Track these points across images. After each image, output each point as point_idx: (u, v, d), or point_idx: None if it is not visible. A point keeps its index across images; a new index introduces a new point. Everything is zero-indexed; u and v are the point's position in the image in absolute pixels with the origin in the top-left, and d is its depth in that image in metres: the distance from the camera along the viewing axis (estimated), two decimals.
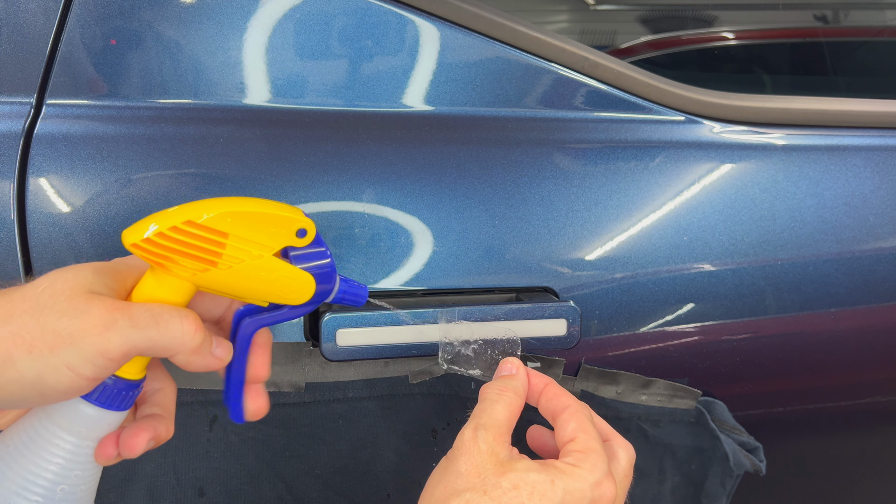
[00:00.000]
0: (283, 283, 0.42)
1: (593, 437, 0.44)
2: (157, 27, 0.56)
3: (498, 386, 0.47)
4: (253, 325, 0.44)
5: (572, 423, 0.45)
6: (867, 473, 0.79)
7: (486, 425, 0.44)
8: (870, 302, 0.68)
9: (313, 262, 0.43)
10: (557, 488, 0.41)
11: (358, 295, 0.46)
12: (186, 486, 0.58)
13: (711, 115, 0.67)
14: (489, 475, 0.41)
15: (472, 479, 0.41)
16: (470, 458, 0.42)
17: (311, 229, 0.42)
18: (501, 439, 0.44)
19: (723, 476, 0.66)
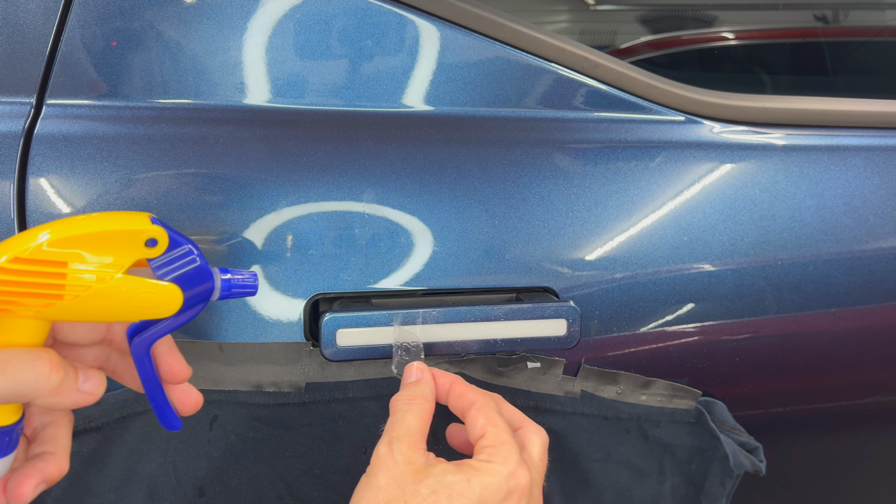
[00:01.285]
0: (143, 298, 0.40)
1: (502, 430, 0.46)
2: (158, 27, 0.56)
3: (406, 396, 0.48)
4: (143, 345, 0.42)
5: (480, 419, 0.47)
6: (867, 473, 0.79)
7: (400, 437, 0.45)
8: (870, 302, 0.68)
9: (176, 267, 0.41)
10: (474, 486, 0.42)
11: (246, 286, 0.45)
12: (186, 486, 0.58)
13: (711, 115, 0.67)
14: (408, 484, 0.42)
15: (393, 490, 0.42)
16: (387, 470, 0.43)
17: (161, 236, 0.40)
18: (416, 447, 0.45)
19: (723, 476, 0.66)
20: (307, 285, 0.56)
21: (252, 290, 0.45)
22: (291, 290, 0.56)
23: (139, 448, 0.56)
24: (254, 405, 0.57)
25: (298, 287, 0.56)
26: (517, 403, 0.62)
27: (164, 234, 0.41)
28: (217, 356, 0.55)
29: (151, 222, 0.41)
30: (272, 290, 0.56)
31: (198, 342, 0.55)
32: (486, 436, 0.46)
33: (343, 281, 0.57)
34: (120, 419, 0.55)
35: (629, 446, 0.65)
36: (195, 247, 0.42)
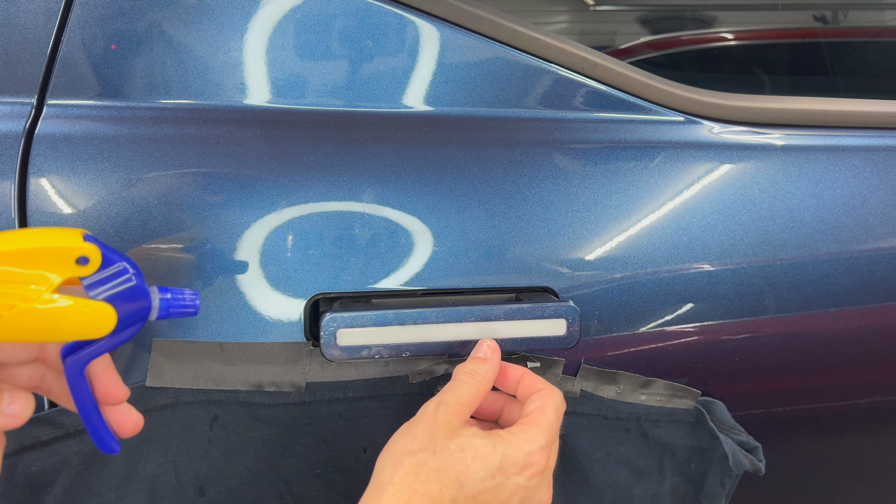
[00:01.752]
0: (74, 318, 0.39)
1: (548, 417, 0.50)
2: (158, 27, 0.57)
3: (470, 369, 0.52)
4: (77, 365, 0.41)
5: (536, 403, 0.51)
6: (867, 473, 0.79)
7: (449, 402, 0.49)
8: (869, 302, 0.68)
9: (110, 286, 0.40)
10: (497, 452, 0.47)
11: (186, 306, 0.44)
12: (187, 486, 0.58)
13: (711, 115, 0.67)
14: (440, 438, 0.47)
15: (426, 441, 0.47)
16: (427, 425, 0.48)
17: (93, 254, 0.39)
18: (459, 414, 0.49)
19: (722, 476, 0.66)
20: (307, 285, 0.56)
21: (192, 310, 0.44)
22: (292, 289, 0.56)
23: (140, 448, 0.56)
24: (254, 405, 0.57)
25: (299, 287, 0.56)
26: None
27: (96, 252, 0.39)
28: (217, 356, 0.56)
29: (84, 239, 0.39)
30: (272, 290, 0.56)
31: (198, 342, 0.55)
32: (531, 415, 0.50)
33: (343, 281, 0.57)
34: None
35: (629, 446, 0.65)
36: (132, 265, 0.41)
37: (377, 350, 0.55)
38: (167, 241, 0.54)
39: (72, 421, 0.53)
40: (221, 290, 0.55)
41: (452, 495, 0.45)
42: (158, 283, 0.54)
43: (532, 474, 0.48)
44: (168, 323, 0.55)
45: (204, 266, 0.55)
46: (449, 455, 0.46)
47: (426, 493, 0.44)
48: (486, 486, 0.46)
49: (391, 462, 0.47)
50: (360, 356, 0.55)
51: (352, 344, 0.54)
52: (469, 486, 0.45)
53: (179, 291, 0.44)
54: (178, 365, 0.55)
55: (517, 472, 0.47)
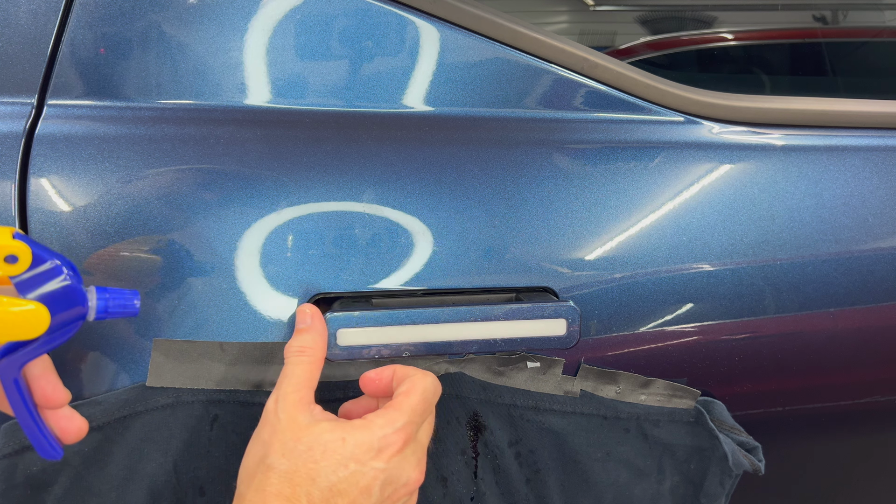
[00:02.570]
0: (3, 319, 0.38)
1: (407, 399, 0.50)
2: (158, 28, 0.57)
3: (296, 346, 0.52)
4: (11, 368, 0.40)
5: (404, 387, 0.51)
6: (867, 473, 0.79)
7: (287, 394, 0.49)
8: (869, 302, 0.68)
9: (43, 286, 0.39)
10: (348, 444, 0.47)
11: (125, 306, 0.43)
12: (187, 486, 0.58)
13: (710, 115, 0.67)
14: (288, 440, 0.47)
15: (274, 445, 0.47)
16: (271, 427, 0.48)
17: (23, 252, 0.38)
18: (301, 405, 0.49)
19: (722, 476, 0.66)
20: (307, 285, 0.56)
21: (133, 311, 0.43)
22: (292, 289, 0.56)
23: (140, 447, 0.56)
24: (255, 405, 0.57)
25: (299, 287, 0.56)
26: (517, 403, 0.62)
27: (25, 250, 0.38)
28: (218, 356, 0.56)
29: (13, 237, 0.38)
30: (272, 290, 0.56)
31: (199, 342, 0.55)
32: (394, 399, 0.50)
33: (343, 281, 0.57)
34: (121, 419, 0.55)
35: (628, 446, 0.65)
36: (66, 264, 0.40)
37: (377, 350, 0.55)
38: (167, 241, 0.55)
39: None
40: (221, 290, 0.55)
41: (307, 491, 0.45)
42: (159, 283, 0.54)
43: (390, 455, 0.48)
44: (168, 323, 0.55)
45: (204, 266, 0.55)
46: (297, 456, 0.46)
47: (280, 495, 0.45)
48: (340, 475, 0.46)
49: (246, 474, 0.48)
50: (360, 356, 0.55)
51: (352, 344, 0.54)
52: (321, 479, 0.46)
53: (118, 292, 0.43)
54: (178, 365, 0.55)
55: (373, 457, 0.47)
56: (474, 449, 0.63)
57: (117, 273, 0.54)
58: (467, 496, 0.64)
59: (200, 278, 0.55)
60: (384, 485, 0.48)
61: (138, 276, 0.54)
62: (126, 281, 0.54)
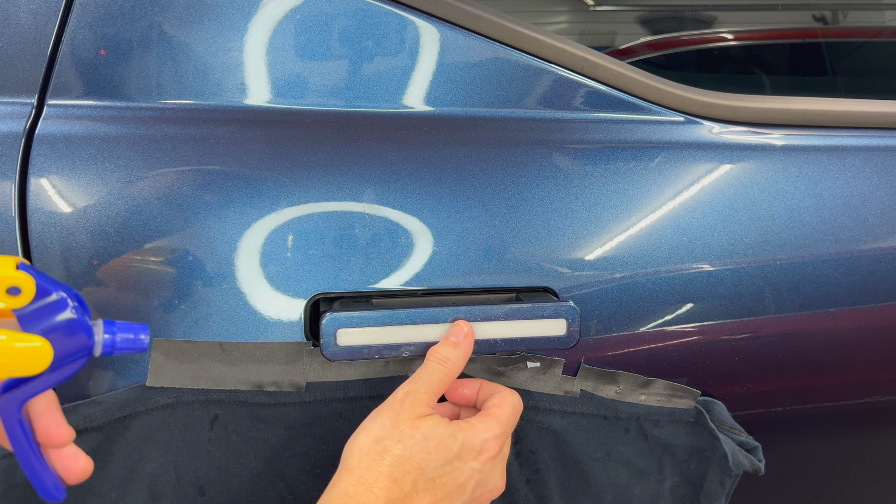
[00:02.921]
0: (4, 354, 0.36)
1: (505, 412, 0.54)
2: (158, 28, 0.57)
3: (441, 355, 0.54)
4: (12, 404, 0.38)
5: (496, 399, 0.55)
6: (866, 473, 0.79)
7: (418, 390, 0.52)
8: (868, 302, 0.68)
9: (47, 319, 0.37)
10: (458, 441, 0.51)
11: (134, 341, 0.41)
12: (187, 486, 0.58)
13: (710, 115, 0.67)
14: (406, 427, 0.50)
15: (391, 429, 0.50)
16: (393, 412, 0.51)
17: (26, 284, 0.36)
18: (426, 403, 0.52)
19: (721, 476, 0.66)
20: (307, 285, 0.56)
21: (141, 347, 0.42)
22: (292, 289, 0.56)
23: (140, 447, 0.56)
24: (254, 405, 0.57)
25: (299, 287, 0.56)
26: None
27: (29, 282, 0.36)
28: (218, 356, 0.56)
29: (17, 268, 0.37)
30: (272, 290, 0.56)
31: (199, 342, 0.55)
32: (489, 410, 0.54)
33: (343, 281, 0.57)
34: (121, 419, 0.55)
35: (628, 446, 0.65)
36: (73, 296, 0.39)
37: (377, 350, 0.55)
38: (167, 241, 0.55)
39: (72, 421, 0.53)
40: (221, 289, 0.55)
41: (413, 479, 0.49)
42: (159, 283, 0.54)
43: (486, 459, 0.52)
44: (168, 323, 0.55)
45: (204, 266, 0.55)
46: (413, 444, 0.49)
47: (390, 476, 0.48)
48: (445, 470, 0.50)
49: (358, 449, 0.50)
50: (360, 356, 0.55)
51: (352, 344, 0.54)
52: (429, 471, 0.49)
53: (127, 326, 0.41)
54: (178, 365, 0.55)
55: (473, 458, 0.51)
56: None
57: (117, 273, 0.54)
58: None
59: (200, 278, 0.55)
60: (477, 485, 0.52)
61: (138, 276, 0.54)
62: (126, 281, 0.54)
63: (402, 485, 0.48)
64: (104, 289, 0.54)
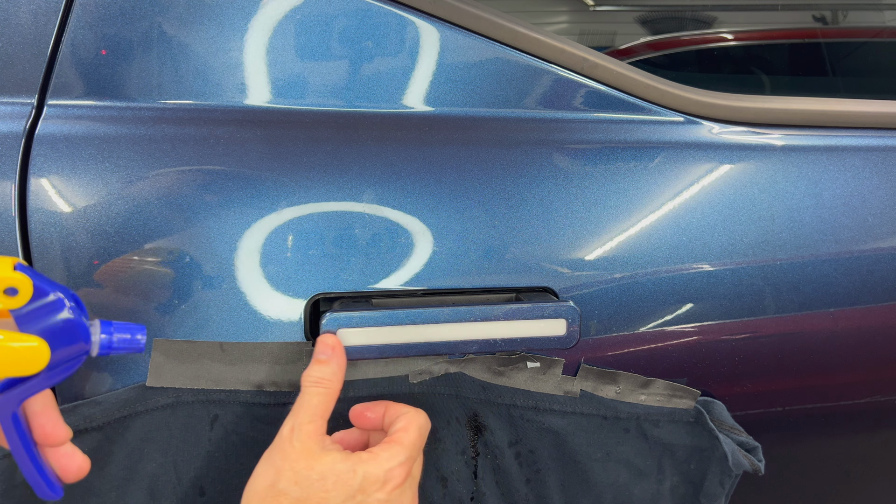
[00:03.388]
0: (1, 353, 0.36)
1: (411, 435, 0.51)
2: (158, 28, 0.57)
3: (315, 377, 0.52)
4: (9, 404, 0.39)
5: (401, 423, 0.52)
6: (866, 473, 0.79)
7: (302, 423, 0.50)
8: (868, 302, 0.68)
9: (44, 320, 0.38)
10: (358, 475, 0.48)
11: (130, 342, 0.42)
12: (187, 486, 0.58)
13: (710, 115, 0.67)
14: (301, 468, 0.48)
15: (287, 472, 0.48)
16: (284, 453, 0.49)
17: (23, 285, 0.37)
18: (315, 435, 0.50)
19: (721, 476, 0.66)
20: (307, 285, 0.56)
21: (138, 347, 0.42)
22: (292, 289, 0.56)
23: (140, 447, 0.56)
24: (255, 405, 0.57)
25: (299, 287, 0.56)
26: (517, 403, 0.62)
27: (26, 282, 0.37)
28: (218, 356, 0.56)
29: (14, 269, 0.37)
30: (272, 290, 0.56)
31: (199, 342, 0.55)
32: (394, 434, 0.52)
33: (343, 281, 0.57)
34: (121, 419, 0.55)
35: (628, 446, 0.65)
36: (70, 296, 0.39)
37: (377, 350, 0.55)
38: (167, 241, 0.55)
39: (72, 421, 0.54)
40: (221, 289, 0.55)
41: None
42: (159, 283, 0.54)
43: (392, 488, 0.49)
44: (169, 323, 0.55)
45: (204, 266, 0.55)
46: (310, 485, 0.47)
47: None
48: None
49: (255, 498, 0.48)
50: (359, 356, 0.55)
51: (352, 344, 0.54)
52: None
53: (124, 328, 0.41)
54: (178, 365, 0.55)
55: (377, 489, 0.49)
56: (474, 449, 0.63)
57: (117, 273, 0.54)
58: (467, 496, 0.64)
59: (200, 278, 0.55)
60: None
61: (138, 276, 0.54)
62: (126, 281, 0.54)
63: None
64: (104, 289, 0.54)
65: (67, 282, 0.53)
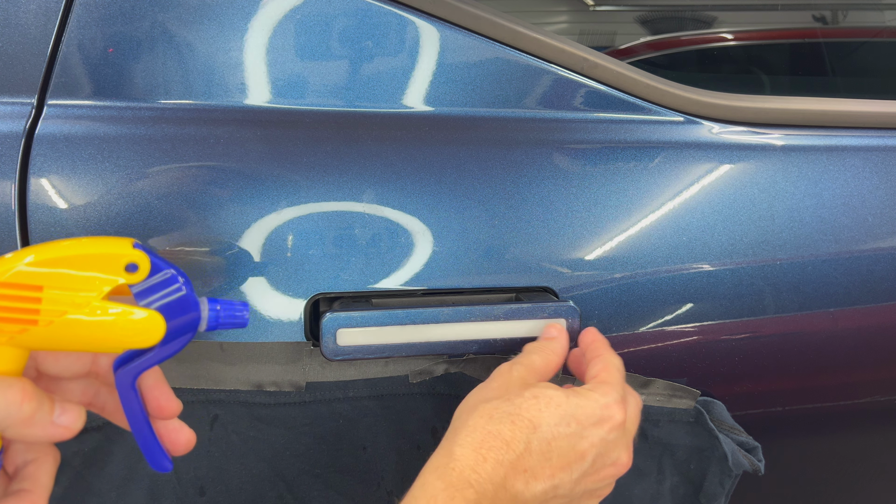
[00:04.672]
0: (123, 326, 0.38)
1: (613, 375, 0.50)
2: (158, 28, 0.57)
3: (538, 344, 0.53)
4: (128, 376, 0.40)
5: (600, 365, 0.52)
6: (867, 473, 0.79)
7: (522, 363, 0.51)
8: (868, 302, 0.68)
9: (160, 295, 0.40)
10: (571, 402, 0.47)
11: (236, 317, 0.43)
12: (187, 486, 0.58)
13: (710, 115, 0.67)
14: (515, 388, 0.48)
15: (500, 391, 0.48)
16: (501, 378, 0.50)
17: (143, 261, 0.39)
18: (533, 375, 0.50)
19: (721, 476, 0.66)
20: (307, 285, 0.56)
21: (242, 322, 0.44)
22: (292, 289, 0.56)
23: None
24: (254, 404, 0.57)
25: (299, 287, 0.56)
26: None
27: (145, 259, 0.39)
28: (218, 356, 0.56)
29: (133, 247, 0.39)
30: (273, 290, 0.56)
31: (199, 342, 0.55)
32: (598, 376, 0.51)
33: (343, 281, 0.57)
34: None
35: None
36: (181, 274, 0.41)
37: (377, 350, 0.55)
38: (167, 242, 0.55)
39: None
40: (222, 290, 0.55)
41: (526, 437, 0.45)
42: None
43: (611, 428, 0.48)
44: None
45: (204, 266, 0.55)
46: (522, 401, 0.47)
47: (499, 435, 0.45)
48: (562, 431, 0.46)
49: (466, 409, 0.48)
50: (359, 356, 0.55)
51: (352, 344, 0.54)
52: (543, 429, 0.46)
53: (229, 303, 0.43)
54: (178, 365, 0.55)
55: (594, 424, 0.47)
56: None
57: None
58: None
59: (201, 278, 0.55)
60: (598, 456, 0.48)
61: None
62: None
63: (513, 445, 0.44)
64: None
65: None
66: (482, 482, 0.43)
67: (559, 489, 0.46)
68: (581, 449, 0.47)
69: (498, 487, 0.44)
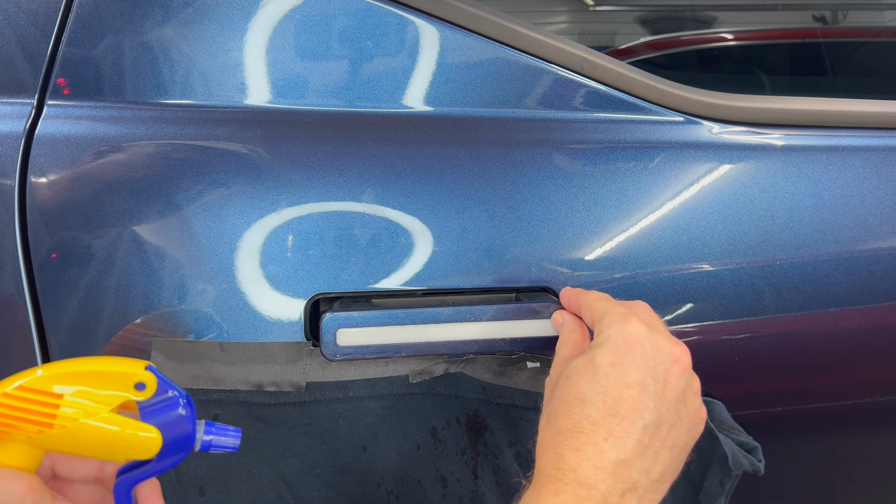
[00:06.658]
0: (124, 437, 0.42)
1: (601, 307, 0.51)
2: (158, 28, 0.57)
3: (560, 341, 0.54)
4: (125, 485, 0.44)
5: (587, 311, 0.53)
6: (866, 473, 0.79)
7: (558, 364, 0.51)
8: (868, 302, 0.68)
9: (161, 414, 0.43)
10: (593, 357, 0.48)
11: (227, 445, 0.46)
12: (187, 486, 0.58)
13: (710, 115, 0.67)
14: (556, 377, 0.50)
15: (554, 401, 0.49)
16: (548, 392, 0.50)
17: (150, 382, 0.43)
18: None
19: (721, 476, 0.66)
20: (307, 285, 0.56)
21: (233, 448, 0.47)
22: (292, 289, 0.56)
23: None
24: (254, 404, 0.57)
25: (299, 287, 0.56)
26: (517, 403, 0.62)
27: (152, 379, 0.43)
28: (218, 356, 0.56)
29: (146, 369, 0.43)
30: (272, 290, 0.56)
31: (198, 342, 0.55)
32: (593, 320, 0.51)
33: (343, 281, 0.57)
34: None
35: None
36: (184, 397, 0.44)
37: (377, 350, 0.55)
38: (167, 242, 0.55)
39: None
40: (221, 290, 0.55)
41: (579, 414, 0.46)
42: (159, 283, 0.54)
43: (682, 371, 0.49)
44: (168, 323, 0.55)
45: (204, 266, 0.55)
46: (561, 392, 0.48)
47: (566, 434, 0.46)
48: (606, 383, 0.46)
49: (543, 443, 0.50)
50: (359, 356, 0.55)
51: (352, 344, 0.54)
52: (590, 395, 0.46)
53: (224, 430, 0.47)
54: (178, 365, 0.55)
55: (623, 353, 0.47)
56: (474, 449, 0.63)
57: (117, 273, 0.54)
58: (467, 496, 0.64)
59: (201, 278, 0.55)
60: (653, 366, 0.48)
61: (138, 276, 0.54)
62: (126, 281, 0.54)
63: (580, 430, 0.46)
64: (104, 288, 0.54)
65: (67, 281, 0.53)
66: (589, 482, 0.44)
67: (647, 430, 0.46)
68: (633, 380, 0.46)
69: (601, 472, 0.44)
